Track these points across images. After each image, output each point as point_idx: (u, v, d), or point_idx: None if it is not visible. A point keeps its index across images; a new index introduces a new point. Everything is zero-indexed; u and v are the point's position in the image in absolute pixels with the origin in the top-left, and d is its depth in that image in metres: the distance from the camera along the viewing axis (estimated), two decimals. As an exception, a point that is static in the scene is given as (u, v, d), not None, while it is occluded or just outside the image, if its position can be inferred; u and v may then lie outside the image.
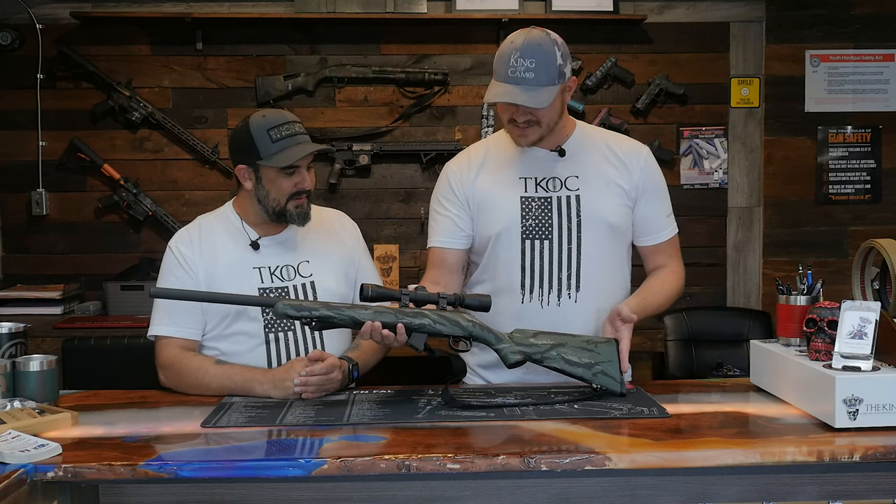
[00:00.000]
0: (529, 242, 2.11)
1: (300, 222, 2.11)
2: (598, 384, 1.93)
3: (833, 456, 1.58)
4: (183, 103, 3.85)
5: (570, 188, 2.13)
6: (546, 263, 2.11)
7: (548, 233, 2.11)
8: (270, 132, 2.04)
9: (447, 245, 2.19)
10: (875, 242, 1.98)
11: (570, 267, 2.11)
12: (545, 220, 2.11)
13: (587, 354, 1.94)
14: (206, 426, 1.76)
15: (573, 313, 2.10)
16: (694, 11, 3.91)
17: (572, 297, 2.11)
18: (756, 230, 3.99)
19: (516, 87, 1.99)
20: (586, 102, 3.89)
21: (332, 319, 1.87)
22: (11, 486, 1.45)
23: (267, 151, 2.04)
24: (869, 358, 1.69)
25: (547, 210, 2.12)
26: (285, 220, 2.11)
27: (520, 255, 2.11)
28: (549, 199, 2.12)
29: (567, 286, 2.11)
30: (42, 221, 3.84)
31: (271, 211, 2.10)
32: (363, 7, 3.75)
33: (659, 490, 1.69)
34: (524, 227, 2.11)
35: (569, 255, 2.11)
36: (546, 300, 2.11)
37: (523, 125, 2.05)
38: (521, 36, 2.03)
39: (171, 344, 2.08)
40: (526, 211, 2.12)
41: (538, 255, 2.11)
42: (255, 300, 1.99)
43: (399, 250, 3.88)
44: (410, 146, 3.85)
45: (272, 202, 2.08)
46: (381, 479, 1.63)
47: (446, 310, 1.91)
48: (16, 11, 3.73)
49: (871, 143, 3.98)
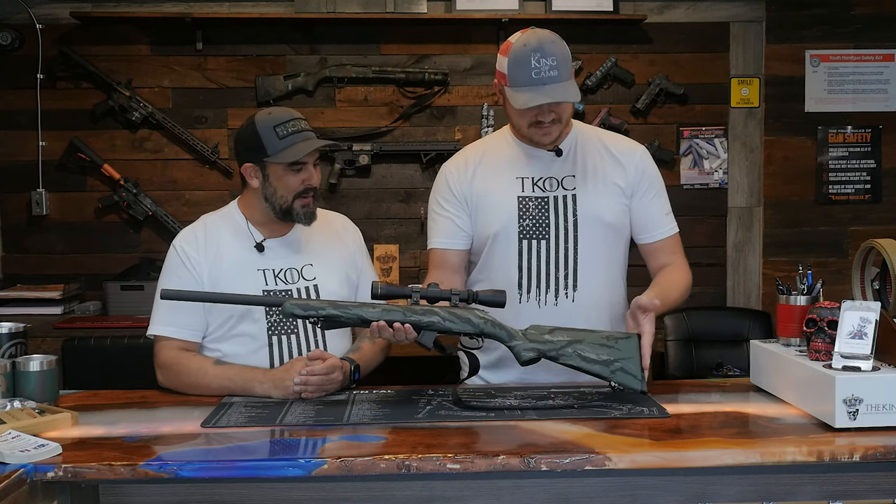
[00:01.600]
0: (527, 242, 2.11)
1: (306, 221, 2.11)
2: (616, 382, 1.90)
3: (833, 456, 1.58)
4: (183, 103, 3.85)
5: (567, 188, 2.13)
6: (543, 263, 2.11)
7: (545, 232, 2.11)
8: (277, 129, 2.04)
9: (448, 246, 2.19)
10: (875, 242, 1.98)
11: (567, 266, 2.11)
12: (542, 219, 2.11)
13: (606, 351, 1.89)
14: (206, 426, 1.76)
15: (571, 313, 2.09)
16: (694, 11, 3.91)
17: (570, 296, 2.11)
18: (756, 230, 3.99)
19: (547, 87, 1.98)
20: (586, 102, 3.89)
21: (339, 318, 1.86)
22: (11, 486, 1.45)
23: (274, 148, 2.04)
24: (869, 358, 1.69)
25: (544, 210, 2.12)
26: (291, 219, 2.11)
27: (517, 254, 2.11)
28: (545, 198, 2.12)
29: (564, 286, 2.11)
30: (42, 221, 3.84)
31: (278, 209, 2.09)
32: (363, 7, 3.75)
33: (659, 490, 1.69)
34: (521, 226, 2.11)
35: (566, 254, 2.11)
36: (543, 300, 2.11)
37: (549, 124, 2.05)
38: (532, 37, 2.01)
39: (170, 345, 2.07)
40: (523, 210, 2.12)
41: (535, 255, 2.11)
42: (263, 300, 1.99)
43: (399, 250, 3.88)
44: (410, 146, 3.85)
45: (279, 199, 2.08)
46: (381, 479, 1.63)
47: (458, 306, 1.88)
48: (16, 11, 3.73)
49: (871, 143, 3.97)
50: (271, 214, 2.11)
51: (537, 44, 1.98)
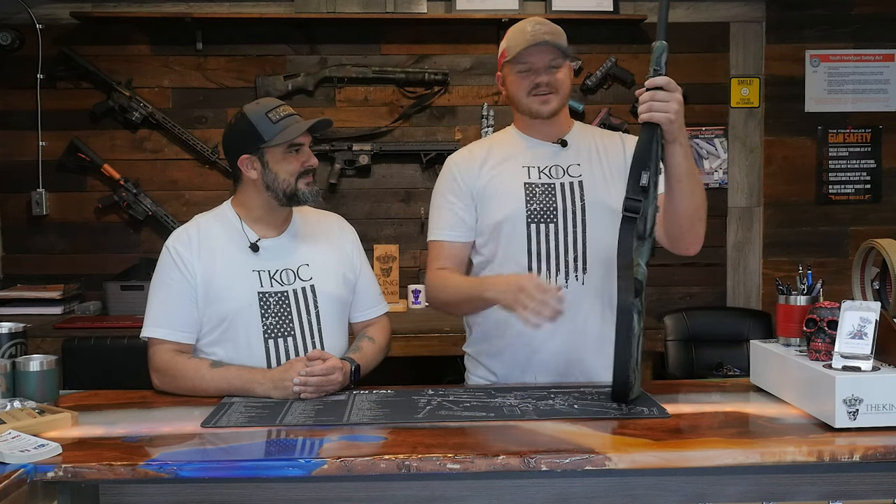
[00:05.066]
0: (535, 226, 2.12)
1: (312, 200, 2.12)
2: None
3: (833, 456, 1.58)
4: (183, 103, 3.85)
5: (573, 175, 2.16)
6: (553, 246, 2.12)
7: (553, 216, 2.12)
8: (269, 115, 2.07)
9: (453, 238, 2.19)
10: (875, 242, 1.98)
11: (576, 249, 2.12)
12: (549, 204, 2.13)
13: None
14: (205, 426, 1.76)
15: (580, 294, 2.10)
16: (694, 11, 3.91)
17: (579, 278, 2.12)
18: (756, 230, 3.99)
19: (541, 45, 2.08)
20: (586, 102, 3.89)
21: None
22: (11, 486, 1.45)
23: (270, 133, 2.05)
24: (869, 358, 1.69)
25: (551, 195, 2.13)
26: (297, 201, 2.10)
27: (525, 238, 2.12)
28: (552, 184, 2.15)
29: (574, 268, 2.12)
30: (42, 221, 3.84)
31: (282, 194, 2.09)
32: (363, 7, 3.75)
33: (659, 490, 1.69)
34: (529, 211, 2.13)
35: (574, 237, 2.12)
36: (553, 281, 2.11)
37: (547, 92, 2.11)
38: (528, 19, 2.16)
39: (164, 348, 2.05)
40: (530, 196, 2.13)
41: (544, 238, 2.12)
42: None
43: (399, 250, 3.88)
44: (410, 146, 3.85)
45: (282, 184, 2.08)
46: (381, 479, 1.63)
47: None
48: (16, 11, 3.73)
49: (871, 143, 3.98)
50: (274, 203, 2.10)
51: (533, 19, 2.15)
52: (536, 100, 2.12)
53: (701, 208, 2.02)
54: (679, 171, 1.94)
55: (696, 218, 2.02)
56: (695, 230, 2.05)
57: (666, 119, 1.85)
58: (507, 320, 2.10)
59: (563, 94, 2.14)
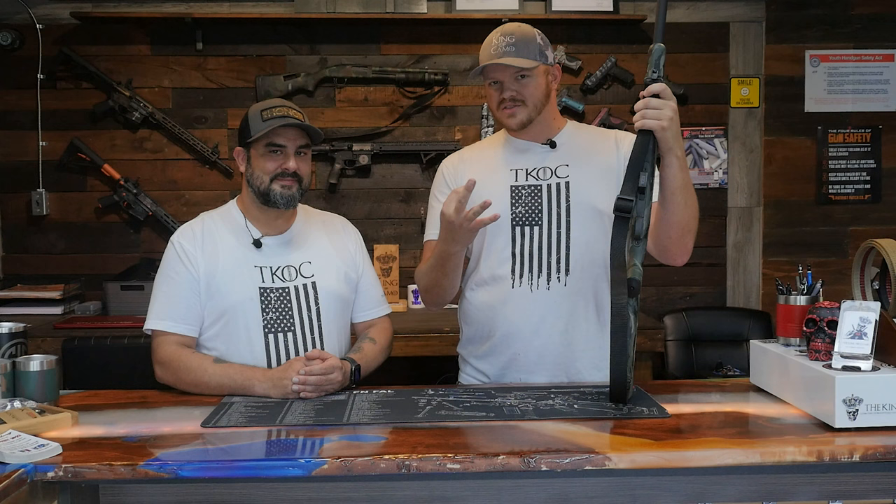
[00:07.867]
0: (519, 229, 2.14)
1: (283, 204, 2.10)
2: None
3: (833, 456, 1.58)
4: (183, 103, 3.85)
5: (560, 176, 2.16)
6: (536, 248, 2.13)
7: (537, 218, 2.13)
8: (263, 113, 2.09)
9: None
10: (875, 242, 1.98)
11: (559, 251, 2.13)
12: (535, 206, 2.14)
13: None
14: (206, 426, 1.76)
15: (562, 296, 2.12)
16: (694, 11, 3.91)
17: (561, 280, 2.12)
18: (756, 230, 3.99)
19: (500, 58, 2.07)
20: (586, 102, 3.89)
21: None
22: (11, 486, 1.45)
23: (256, 130, 2.08)
24: (869, 358, 1.69)
25: (537, 197, 2.14)
26: (270, 202, 2.10)
27: (510, 242, 2.14)
28: (538, 186, 2.15)
29: (556, 269, 2.12)
30: (42, 221, 3.84)
31: (257, 191, 2.11)
32: (363, 7, 3.75)
33: (659, 490, 1.69)
34: (514, 214, 2.14)
35: (558, 238, 2.13)
36: (535, 283, 2.12)
37: (509, 103, 2.10)
38: (502, 26, 2.16)
39: (168, 340, 2.07)
40: (516, 199, 2.15)
41: (528, 241, 2.13)
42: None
43: (399, 250, 3.88)
44: (410, 146, 3.85)
45: (257, 181, 2.10)
46: (381, 479, 1.63)
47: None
48: (16, 11, 3.73)
49: (871, 143, 3.98)
50: (257, 200, 2.13)
51: (500, 29, 2.13)
52: (504, 113, 2.14)
53: (693, 220, 2.00)
54: (674, 184, 1.93)
55: (686, 230, 2.00)
56: (684, 242, 2.03)
57: (658, 126, 1.84)
58: (493, 322, 2.14)
59: (532, 103, 2.12)
